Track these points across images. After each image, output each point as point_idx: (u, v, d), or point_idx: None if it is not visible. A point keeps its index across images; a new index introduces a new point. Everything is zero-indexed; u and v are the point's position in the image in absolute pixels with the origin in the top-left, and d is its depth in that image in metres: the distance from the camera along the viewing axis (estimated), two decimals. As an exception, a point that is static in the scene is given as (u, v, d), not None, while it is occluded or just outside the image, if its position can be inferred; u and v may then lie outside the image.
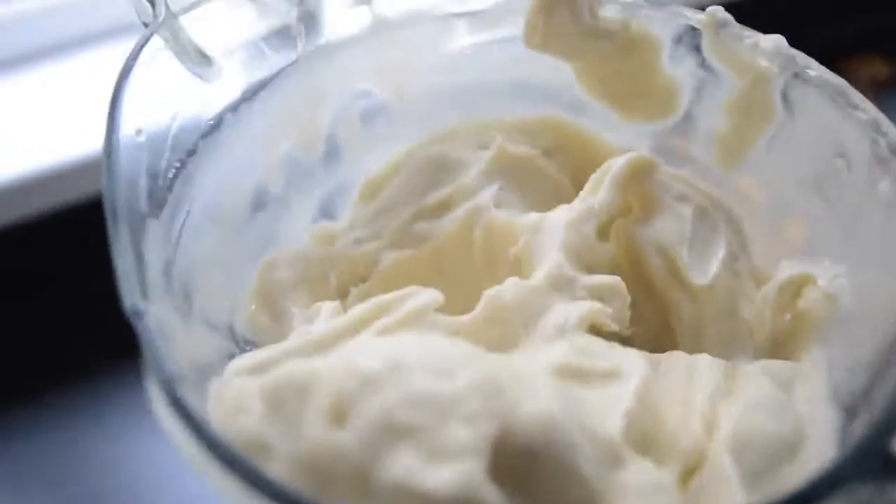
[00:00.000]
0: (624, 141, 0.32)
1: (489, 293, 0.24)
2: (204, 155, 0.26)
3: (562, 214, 0.27)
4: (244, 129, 0.28)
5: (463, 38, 0.32)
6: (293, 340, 0.23)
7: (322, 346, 0.22)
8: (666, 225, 0.28)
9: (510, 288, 0.24)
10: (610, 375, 0.22)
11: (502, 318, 0.23)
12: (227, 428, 0.20)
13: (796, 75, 0.27)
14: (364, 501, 0.18)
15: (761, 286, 0.28)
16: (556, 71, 0.31)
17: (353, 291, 0.29)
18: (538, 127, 0.32)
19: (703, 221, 0.28)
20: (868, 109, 0.26)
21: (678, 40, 0.30)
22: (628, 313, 0.26)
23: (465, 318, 0.23)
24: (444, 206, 0.30)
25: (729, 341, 0.27)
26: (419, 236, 0.30)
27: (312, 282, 0.29)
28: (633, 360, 0.22)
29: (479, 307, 0.24)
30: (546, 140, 0.32)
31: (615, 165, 0.28)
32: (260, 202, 0.29)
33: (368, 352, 0.20)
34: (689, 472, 0.21)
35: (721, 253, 0.27)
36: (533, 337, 0.23)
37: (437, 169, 0.31)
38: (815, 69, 0.27)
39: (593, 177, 0.28)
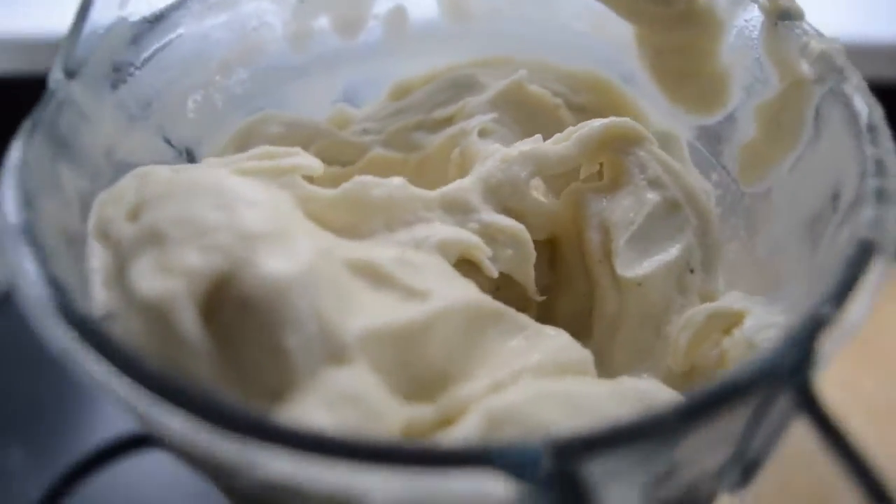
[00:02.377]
0: (665, 126, 0.29)
1: (358, 179, 0.23)
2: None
3: (510, 149, 0.25)
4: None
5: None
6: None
7: (189, 168, 0.23)
8: (621, 203, 0.25)
9: (389, 185, 0.23)
10: (413, 294, 0.20)
11: (363, 208, 0.23)
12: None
13: (832, 90, 0.23)
14: (120, 288, 0.20)
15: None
16: (624, 33, 0.29)
17: (325, 168, 0.29)
18: (581, 82, 0.30)
19: (666, 217, 0.25)
20: (883, 145, 0.21)
21: (743, 26, 0.26)
22: (531, 271, 0.24)
23: (324, 191, 0.23)
24: (444, 123, 0.30)
25: (642, 352, 0.24)
26: (412, 144, 0.30)
27: (291, 146, 0.29)
28: (455, 297, 0.20)
29: (342, 188, 0.23)
30: (582, 97, 0.30)
31: (593, 123, 0.25)
32: (276, 63, 0.30)
33: (193, 172, 0.21)
34: (445, 422, 0.19)
35: (669, 256, 0.24)
36: (387, 239, 0.22)
37: (460, 89, 0.30)
38: (853, 86, 0.22)
39: (571, 128, 0.26)
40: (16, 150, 0.21)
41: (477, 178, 0.24)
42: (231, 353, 0.18)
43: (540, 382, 0.20)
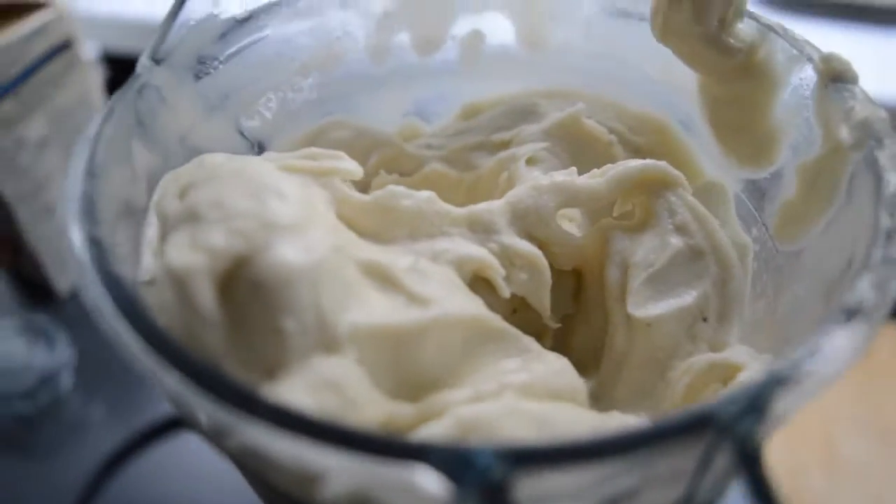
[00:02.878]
0: (716, 176, 0.29)
1: (390, 188, 0.25)
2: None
3: (542, 178, 0.26)
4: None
5: (617, 14, 0.31)
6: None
7: (243, 158, 0.25)
8: (645, 244, 0.25)
9: (418, 197, 0.24)
10: (416, 300, 0.21)
11: (390, 216, 0.24)
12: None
13: (866, 157, 0.23)
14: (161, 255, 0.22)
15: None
16: (690, 80, 0.30)
17: (382, 174, 0.31)
18: (641, 123, 0.31)
19: (687, 263, 0.25)
20: (898, 217, 0.21)
21: (798, 84, 0.26)
22: (545, 297, 0.25)
23: (359, 196, 0.25)
24: (501, 147, 0.31)
25: (643, 392, 0.25)
26: (469, 163, 0.31)
27: (355, 152, 0.31)
28: (456, 309, 0.22)
29: (374, 195, 0.25)
30: (639, 138, 0.30)
31: (630, 164, 0.26)
32: (353, 72, 0.32)
33: (242, 162, 0.23)
34: (422, 422, 0.21)
35: (683, 302, 0.25)
36: (409, 248, 0.24)
37: (520, 115, 0.31)
38: (887, 155, 0.22)
39: (610, 165, 0.27)
40: (95, 123, 0.24)
41: (506, 202, 0.25)
42: (239, 329, 0.20)
43: (521, 401, 0.21)
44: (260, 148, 0.30)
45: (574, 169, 0.27)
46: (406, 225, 0.24)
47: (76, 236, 0.20)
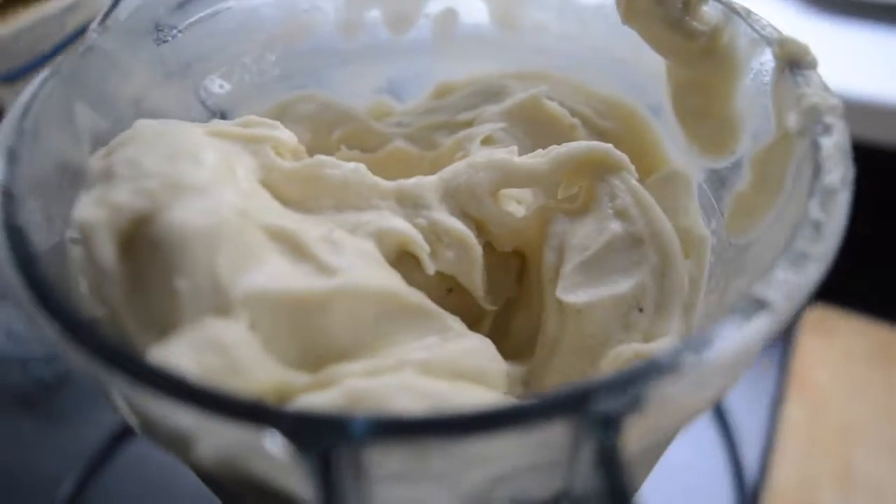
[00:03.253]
0: (681, 164, 0.28)
1: (318, 158, 0.24)
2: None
3: (479, 155, 0.25)
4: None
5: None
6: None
7: (177, 124, 0.25)
8: (582, 229, 0.24)
9: (345, 168, 0.24)
10: (323, 269, 0.21)
11: (315, 185, 0.24)
12: None
13: (812, 145, 0.22)
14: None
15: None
16: (659, 64, 0.29)
17: (343, 149, 0.31)
18: (608, 107, 0.30)
19: (625, 250, 0.24)
20: (832, 210, 0.20)
21: (759, 70, 0.25)
22: (476, 278, 0.25)
23: (285, 164, 0.24)
24: (464, 126, 0.30)
25: (572, 379, 0.24)
26: (432, 142, 0.31)
27: (319, 126, 0.31)
28: (365, 281, 0.21)
29: (302, 163, 0.24)
30: (606, 122, 0.30)
31: (573, 145, 0.25)
32: (323, 46, 0.32)
33: (172, 126, 0.23)
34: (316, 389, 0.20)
35: (616, 289, 0.24)
36: (332, 218, 0.23)
37: (487, 96, 0.31)
38: (831, 144, 0.21)
39: (555, 146, 0.26)
40: (33, 85, 0.24)
41: (440, 177, 0.25)
42: (138, 287, 0.20)
43: (419, 378, 0.20)
44: (222, 117, 0.30)
45: (514, 148, 0.26)
46: (332, 195, 0.24)
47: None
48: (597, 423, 0.16)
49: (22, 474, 0.47)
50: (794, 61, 0.23)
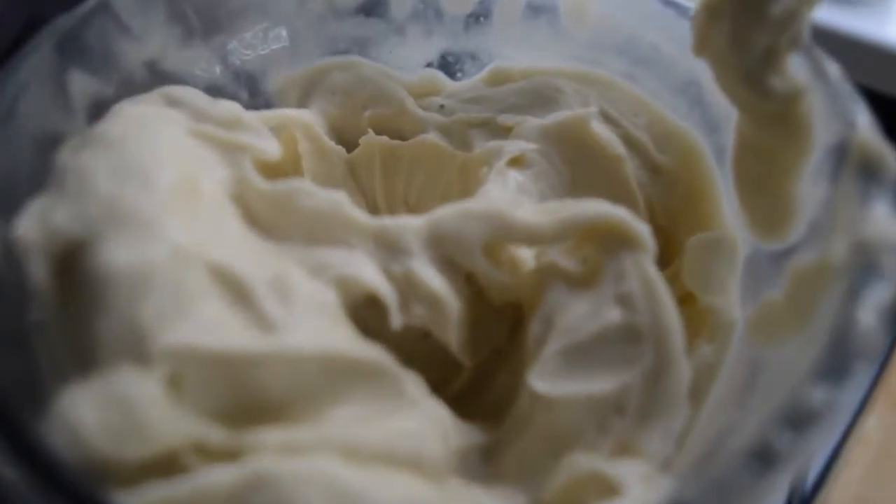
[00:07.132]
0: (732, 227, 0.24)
1: (296, 184, 0.22)
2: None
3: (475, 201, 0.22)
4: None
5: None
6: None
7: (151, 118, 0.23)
8: (577, 307, 0.21)
9: (320, 199, 0.22)
10: (264, 322, 0.19)
11: (286, 213, 0.21)
12: None
13: (851, 289, 0.17)
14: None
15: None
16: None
17: (371, 133, 0.28)
18: (670, 138, 0.26)
19: (619, 343, 0.21)
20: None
21: (832, 153, 0.20)
22: (450, 334, 0.22)
23: (261, 183, 0.22)
24: (501, 132, 0.27)
25: (531, 470, 0.21)
26: (464, 141, 0.28)
27: (352, 101, 0.29)
28: (309, 340, 0.19)
29: (278, 186, 0.22)
30: (663, 157, 0.26)
31: (586, 207, 0.21)
32: (372, 9, 0.29)
33: (134, 128, 0.22)
34: (229, 455, 0.19)
35: (596, 389, 0.21)
36: (299, 251, 0.21)
37: (538, 99, 0.27)
38: (870, 304, 0.17)
39: (568, 203, 0.22)
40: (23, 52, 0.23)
41: (428, 220, 0.22)
42: (66, 313, 0.19)
43: (337, 465, 0.19)
44: (250, 82, 0.28)
45: (516, 199, 0.22)
46: (302, 226, 0.22)
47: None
48: None
49: None
50: (865, 164, 0.19)
